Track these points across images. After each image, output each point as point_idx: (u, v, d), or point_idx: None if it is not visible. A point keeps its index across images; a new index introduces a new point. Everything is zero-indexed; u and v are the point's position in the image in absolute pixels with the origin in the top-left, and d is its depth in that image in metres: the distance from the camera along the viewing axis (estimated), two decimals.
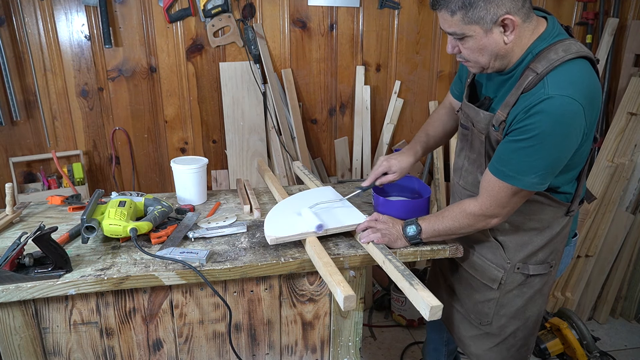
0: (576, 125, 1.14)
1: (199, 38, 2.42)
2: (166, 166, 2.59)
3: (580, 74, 1.15)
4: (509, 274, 1.44)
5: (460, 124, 1.48)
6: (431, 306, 1.07)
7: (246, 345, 1.46)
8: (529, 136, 1.14)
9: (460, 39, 1.21)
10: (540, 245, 1.40)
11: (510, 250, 1.42)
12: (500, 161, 1.22)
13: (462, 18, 1.15)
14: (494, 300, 1.48)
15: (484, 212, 1.27)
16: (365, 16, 2.55)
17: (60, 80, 2.36)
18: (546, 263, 1.43)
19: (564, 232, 1.42)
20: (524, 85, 1.17)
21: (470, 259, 1.52)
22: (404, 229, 1.36)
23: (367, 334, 2.62)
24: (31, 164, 2.44)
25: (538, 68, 1.16)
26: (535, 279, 1.45)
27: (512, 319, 1.50)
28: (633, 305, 2.73)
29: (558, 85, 1.12)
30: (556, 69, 1.14)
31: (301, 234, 1.35)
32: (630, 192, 2.59)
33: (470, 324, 1.58)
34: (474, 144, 1.40)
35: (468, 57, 1.24)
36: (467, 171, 1.47)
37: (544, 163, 1.16)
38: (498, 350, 1.55)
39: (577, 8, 2.70)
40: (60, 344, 1.32)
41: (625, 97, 2.57)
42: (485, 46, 1.18)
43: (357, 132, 2.72)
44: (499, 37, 1.17)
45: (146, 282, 1.24)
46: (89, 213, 1.34)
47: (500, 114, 1.23)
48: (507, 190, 1.22)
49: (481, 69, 1.27)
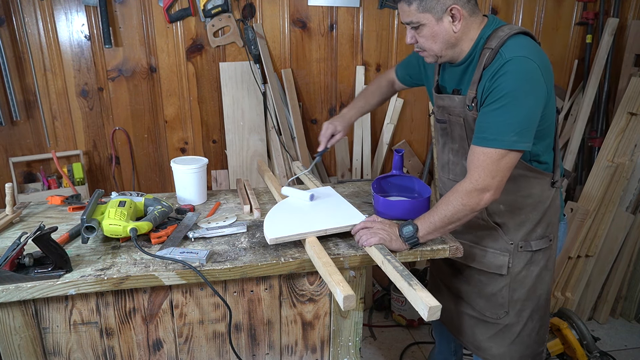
0: (537, 81, 1.28)
1: (199, 38, 2.42)
2: (166, 166, 2.59)
3: (527, 42, 1.33)
4: (513, 255, 1.50)
5: (437, 120, 1.58)
6: (429, 306, 1.07)
7: (246, 345, 1.46)
8: (498, 97, 1.27)
9: (416, 28, 1.37)
10: (536, 221, 1.49)
11: (510, 230, 1.50)
12: (480, 129, 1.32)
13: (417, 7, 1.33)
14: (505, 287, 1.54)
15: (475, 186, 1.31)
16: (365, 16, 2.55)
17: (60, 80, 2.36)
18: (545, 237, 1.52)
19: (555, 204, 1.53)
20: (484, 62, 1.33)
21: (473, 253, 1.55)
22: (400, 230, 1.37)
23: (367, 334, 2.62)
24: (31, 164, 2.44)
25: (492, 45, 1.33)
26: (539, 255, 1.52)
27: (525, 301, 1.56)
28: (633, 305, 2.73)
29: (513, 51, 1.29)
30: (507, 42, 1.32)
31: (301, 234, 1.35)
32: (630, 192, 2.59)
33: (487, 324, 1.60)
34: (454, 133, 1.51)
35: (423, 45, 1.40)
36: (453, 163, 1.55)
37: (517, 119, 1.27)
38: (520, 341, 1.59)
39: (577, 8, 2.70)
40: (60, 344, 1.32)
41: (625, 97, 2.57)
42: (437, 33, 1.35)
43: (357, 132, 2.72)
44: (449, 26, 1.34)
45: (146, 282, 1.24)
46: (89, 213, 1.34)
47: (470, 92, 1.38)
48: (492, 156, 1.29)
49: (435, 58, 1.42)
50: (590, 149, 2.83)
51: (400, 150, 1.68)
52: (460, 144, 1.49)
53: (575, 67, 2.79)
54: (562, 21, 2.71)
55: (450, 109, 1.47)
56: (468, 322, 1.65)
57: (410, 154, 2.82)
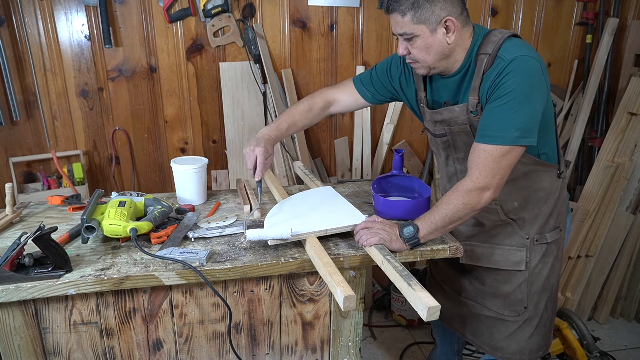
0: (539, 79, 1.29)
1: (199, 38, 2.42)
2: (166, 166, 2.59)
3: (522, 43, 1.34)
4: (530, 249, 1.52)
5: (434, 136, 1.54)
6: (429, 306, 1.07)
7: (246, 345, 1.46)
8: (503, 94, 1.27)
9: (409, 40, 1.35)
10: (549, 212, 1.51)
11: (526, 225, 1.51)
12: (483, 127, 1.32)
13: (411, 19, 1.31)
14: (524, 282, 1.55)
15: (475, 185, 1.30)
16: (365, 16, 2.55)
17: (60, 80, 2.36)
18: (557, 228, 1.55)
19: (563, 195, 1.56)
20: (483, 67, 1.33)
21: (488, 254, 1.56)
22: (400, 230, 1.36)
23: (367, 334, 2.62)
24: (31, 164, 2.44)
25: (487, 50, 1.33)
26: (552, 246, 1.55)
27: (542, 292, 1.58)
28: (633, 305, 2.73)
29: (513, 52, 1.29)
30: (503, 45, 1.32)
31: (301, 234, 1.35)
32: (630, 192, 2.58)
33: (506, 322, 1.60)
34: (457, 143, 1.49)
35: (416, 56, 1.37)
36: (462, 172, 1.52)
37: (520, 116, 1.27)
38: (537, 333, 1.61)
39: (577, 8, 2.70)
40: (60, 344, 1.32)
41: (625, 97, 2.57)
42: (431, 45, 1.33)
43: (357, 132, 2.72)
44: (443, 37, 1.32)
45: (146, 282, 1.24)
46: (89, 213, 1.34)
47: (472, 99, 1.36)
48: (493, 153, 1.28)
49: (428, 69, 1.40)
50: (590, 149, 2.83)
51: (400, 150, 1.68)
52: (466, 152, 1.45)
53: (575, 67, 2.79)
54: (562, 21, 2.71)
55: (452, 120, 1.45)
56: (484, 323, 1.64)
57: (410, 154, 2.82)
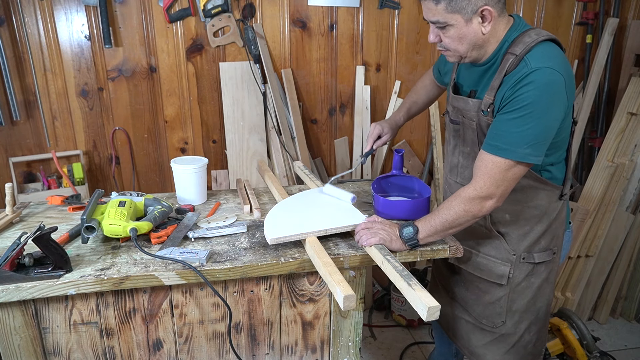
0: (560, 95, 1.22)
1: (199, 38, 2.42)
2: (166, 166, 2.59)
3: (555, 52, 1.27)
4: (515, 266, 1.46)
5: (450, 121, 1.52)
6: (429, 306, 1.07)
7: (246, 345, 1.46)
8: (519, 107, 1.22)
9: (442, 28, 1.29)
10: (541, 232, 1.44)
11: (513, 240, 1.45)
12: (493, 136, 1.27)
13: (445, 7, 1.24)
14: (504, 297, 1.50)
15: (478, 194, 1.28)
16: (365, 16, 2.55)
17: (60, 80, 2.36)
18: (549, 250, 1.47)
19: (561, 217, 1.48)
20: (506, 68, 1.27)
21: (474, 260, 1.52)
22: (400, 231, 1.36)
23: (367, 334, 2.62)
24: (31, 164, 2.44)
25: (516, 51, 1.26)
26: (541, 268, 1.48)
27: (524, 313, 1.52)
28: (633, 305, 2.73)
29: (539, 60, 1.22)
30: (533, 49, 1.25)
31: (301, 234, 1.35)
32: (630, 192, 2.59)
33: (483, 331, 1.57)
34: (466, 137, 1.46)
35: (448, 45, 1.32)
36: (463, 166, 1.50)
37: (534, 132, 1.22)
38: (515, 351, 1.55)
39: (577, 8, 2.70)
40: (60, 344, 1.32)
41: (625, 97, 2.57)
42: (465, 35, 1.27)
43: (357, 132, 2.72)
44: (478, 27, 1.26)
45: (146, 282, 1.24)
46: (89, 213, 1.34)
47: (487, 98, 1.32)
48: (500, 165, 1.25)
49: (459, 58, 1.35)
50: (590, 149, 2.83)
51: (400, 150, 1.68)
52: (472, 148, 1.45)
53: (576, 67, 2.79)
54: (562, 21, 2.71)
55: (464, 111, 1.42)
56: (464, 327, 1.63)
57: (410, 154, 2.82)
